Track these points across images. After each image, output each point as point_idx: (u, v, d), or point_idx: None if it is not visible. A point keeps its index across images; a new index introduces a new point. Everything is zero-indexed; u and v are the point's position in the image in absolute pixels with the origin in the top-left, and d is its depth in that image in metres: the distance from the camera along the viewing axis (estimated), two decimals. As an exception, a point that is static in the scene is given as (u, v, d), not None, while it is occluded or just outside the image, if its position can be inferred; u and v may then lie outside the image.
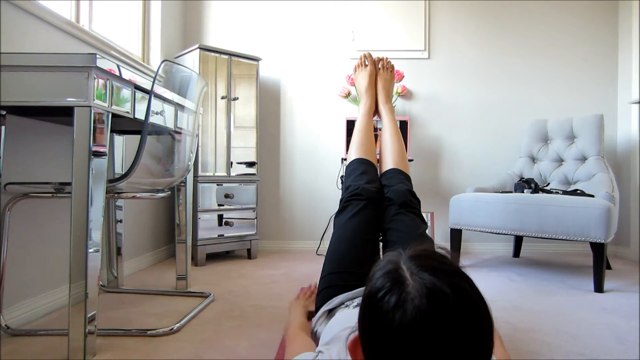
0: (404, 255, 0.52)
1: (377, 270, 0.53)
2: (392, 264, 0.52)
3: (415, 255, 0.52)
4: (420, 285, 0.46)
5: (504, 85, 2.99)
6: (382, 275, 0.51)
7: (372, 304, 0.49)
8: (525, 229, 2.10)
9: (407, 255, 0.52)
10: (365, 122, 1.62)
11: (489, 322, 0.47)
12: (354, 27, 2.99)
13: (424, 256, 0.52)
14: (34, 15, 1.48)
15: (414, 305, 0.45)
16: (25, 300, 1.46)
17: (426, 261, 0.50)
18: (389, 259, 0.53)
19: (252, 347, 1.26)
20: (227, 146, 2.58)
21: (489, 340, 0.46)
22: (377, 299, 0.48)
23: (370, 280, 0.52)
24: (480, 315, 0.47)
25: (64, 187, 1.29)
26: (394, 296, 0.47)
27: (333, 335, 0.81)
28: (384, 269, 0.52)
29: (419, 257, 0.51)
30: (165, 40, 2.69)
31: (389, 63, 1.75)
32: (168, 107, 1.49)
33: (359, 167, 1.46)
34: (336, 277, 1.14)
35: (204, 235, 2.46)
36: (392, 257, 0.53)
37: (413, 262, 0.50)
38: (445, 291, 0.46)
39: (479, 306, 0.47)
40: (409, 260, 0.51)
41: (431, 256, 0.52)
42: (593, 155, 2.50)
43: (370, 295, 0.50)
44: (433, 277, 0.47)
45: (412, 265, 0.49)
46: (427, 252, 0.53)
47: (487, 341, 0.46)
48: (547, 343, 1.31)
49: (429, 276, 0.47)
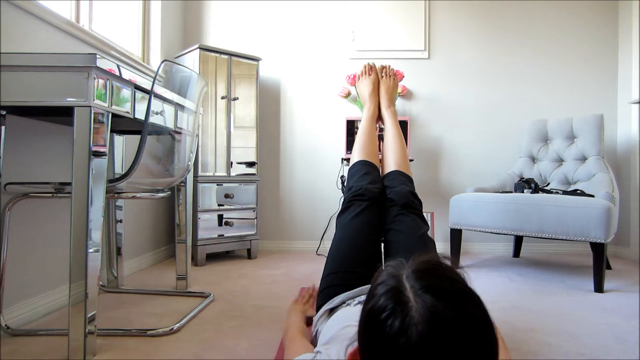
0: (406, 269, 0.52)
1: (379, 285, 0.52)
2: (394, 280, 0.51)
3: (418, 270, 0.51)
4: (423, 309, 0.46)
5: (504, 85, 2.99)
6: (384, 294, 0.50)
7: (375, 325, 0.49)
8: (525, 229, 2.10)
9: (409, 269, 0.51)
10: (369, 126, 1.65)
11: (493, 343, 0.47)
12: (354, 27, 2.99)
13: (427, 271, 0.51)
14: (34, 15, 1.48)
15: (417, 332, 0.45)
16: (25, 300, 1.46)
17: (430, 279, 0.49)
18: (391, 272, 0.52)
19: (252, 347, 1.26)
20: (227, 146, 2.58)
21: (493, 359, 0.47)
22: (380, 321, 0.48)
23: (372, 297, 0.51)
24: (485, 337, 0.47)
25: (64, 187, 1.29)
26: (397, 320, 0.46)
27: (332, 335, 0.81)
28: (386, 285, 0.51)
29: (422, 273, 0.50)
30: (165, 40, 2.69)
31: (392, 70, 1.79)
32: (168, 107, 1.49)
33: (362, 169, 1.47)
34: (338, 276, 1.15)
35: (204, 235, 2.46)
36: (394, 271, 0.52)
37: (416, 280, 0.49)
38: (448, 315, 0.45)
39: (484, 328, 0.47)
40: (412, 277, 0.50)
41: (434, 271, 0.51)
42: (593, 155, 2.50)
43: (372, 315, 0.50)
44: (436, 300, 0.46)
45: (415, 284, 0.49)
46: (431, 266, 0.52)
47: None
48: (547, 343, 1.31)
49: (431, 298, 0.47)
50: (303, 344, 0.99)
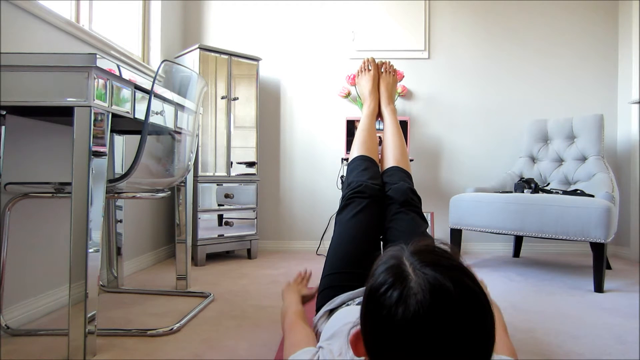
0: (406, 251, 0.53)
1: (379, 265, 0.53)
2: (395, 259, 0.52)
3: (417, 250, 0.52)
4: (423, 280, 0.47)
5: (504, 85, 2.99)
6: (384, 271, 0.51)
7: (375, 299, 0.50)
8: (525, 229, 2.10)
9: (409, 250, 0.53)
10: (368, 122, 1.64)
11: (490, 316, 0.48)
12: (354, 27, 2.99)
13: (426, 251, 0.52)
14: (34, 15, 1.48)
15: (416, 300, 0.45)
16: (25, 300, 1.46)
17: (428, 256, 0.51)
18: (392, 254, 0.54)
19: (252, 347, 1.26)
20: (227, 146, 2.58)
21: (491, 334, 0.47)
22: (380, 294, 0.49)
23: (373, 276, 0.52)
24: (482, 309, 0.47)
25: (64, 187, 1.29)
26: (397, 291, 0.47)
27: (334, 331, 0.81)
28: (386, 264, 0.52)
29: (421, 253, 0.52)
30: (165, 40, 2.69)
31: (392, 67, 1.78)
32: (168, 107, 1.49)
33: (361, 164, 1.47)
34: (338, 277, 1.14)
35: (204, 235, 2.46)
36: (394, 253, 0.54)
37: (415, 258, 0.50)
38: (447, 286, 0.46)
39: (481, 300, 0.48)
40: (411, 256, 0.51)
41: (433, 251, 0.52)
42: (593, 155, 2.50)
43: (372, 290, 0.51)
44: (435, 272, 0.47)
45: (415, 261, 0.50)
46: (429, 248, 0.53)
47: (489, 334, 0.47)
48: (547, 343, 1.31)
49: (431, 271, 0.48)
50: (303, 331, 0.97)
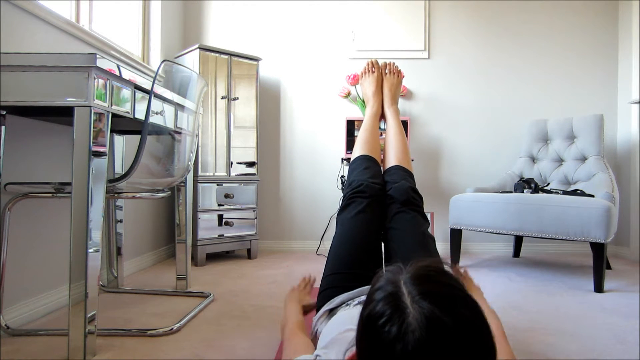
0: (404, 274, 0.52)
1: (377, 290, 0.52)
2: (392, 285, 0.51)
3: (416, 276, 0.51)
4: (420, 315, 0.46)
5: (504, 85, 2.99)
6: (382, 299, 0.50)
7: (372, 331, 0.49)
8: (525, 229, 2.10)
9: (408, 274, 0.52)
10: (371, 123, 1.64)
11: (491, 349, 0.47)
12: (354, 27, 2.99)
13: (425, 277, 0.51)
14: (34, 15, 1.48)
15: (414, 338, 0.45)
16: (25, 300, 1.46)
17: (427, 285, 0.50)
18: (390, 277, 0.53)
19: (252, 347, 1.26)
20: (227, 146, 2.58)
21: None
22: (378, 327, 0.48)
23: (370, 302, 0.52)
24: (482, 344, 0.47)
25: (64, 187, 1.29)
26: (395, 326, 0.47)
27: (331, 338, 0.81)
28: (384, 291, 0.51)
29: (420, 279, 0.51)
30: (165, 40, 2.69)
31: (396, 68, 1.77)
32: (168, 107, 1.49)
33: (362, 163, 1.47)
34: (338, 277, 1.14)
35: (204, 235, 2.46)
36: (392, 277, 0.53)
37: (414, 286, 0.50)
38: (445, 322, 0.46)
39: (481, 334, 0.47)
40: (410, 282, 0.50)
41: (433, 277, 0.51)
42: (593, 155, 2.50)
43: (370, 320, 0.50)
44: (433, 306, 0.47)
45: (413, 290, 0.49)
46: (429, 272, 0.52)
47: None
48: (547, 343, 1.31)
49: (428, 305, 0.47)
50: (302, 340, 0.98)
